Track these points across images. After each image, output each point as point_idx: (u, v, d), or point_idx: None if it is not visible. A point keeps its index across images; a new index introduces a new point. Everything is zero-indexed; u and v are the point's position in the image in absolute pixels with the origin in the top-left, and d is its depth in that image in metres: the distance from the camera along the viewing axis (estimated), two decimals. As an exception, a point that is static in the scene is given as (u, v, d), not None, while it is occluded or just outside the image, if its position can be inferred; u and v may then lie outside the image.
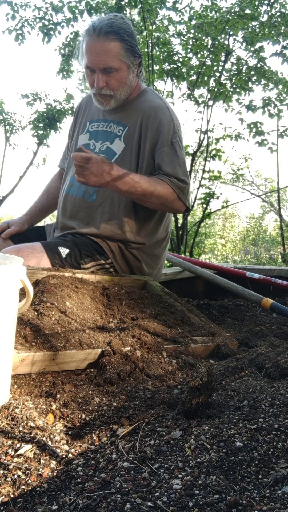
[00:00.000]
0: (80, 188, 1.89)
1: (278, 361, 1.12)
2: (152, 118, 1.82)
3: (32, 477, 0.71)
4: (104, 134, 1.92)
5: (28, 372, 1.08)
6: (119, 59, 1.74)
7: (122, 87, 1.81)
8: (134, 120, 1.86)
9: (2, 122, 7.00)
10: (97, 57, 1.73)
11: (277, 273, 2.74)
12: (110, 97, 1.82)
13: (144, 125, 1.83)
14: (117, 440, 0.81)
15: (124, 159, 1.84)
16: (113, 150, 1.88)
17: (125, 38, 1.74)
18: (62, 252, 1.74)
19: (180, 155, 1.81)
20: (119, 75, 1.77)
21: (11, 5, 4.91)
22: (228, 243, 10.86)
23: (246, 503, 0.57)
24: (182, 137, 1.93)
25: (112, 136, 1.90)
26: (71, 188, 1.93)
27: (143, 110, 1.85)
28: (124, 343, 1.22)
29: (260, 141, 5.22)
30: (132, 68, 1.81)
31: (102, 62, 1.73)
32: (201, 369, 1.24)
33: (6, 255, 0.99)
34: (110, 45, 1.71)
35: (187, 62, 4.80)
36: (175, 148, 1.80)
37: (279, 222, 8.10)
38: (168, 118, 1.83)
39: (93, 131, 1.97)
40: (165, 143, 1.80)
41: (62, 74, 5.52)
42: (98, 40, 1.71)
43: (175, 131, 1.83)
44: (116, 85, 1.79)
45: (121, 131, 1.88)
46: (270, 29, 4.61)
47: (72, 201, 1.91)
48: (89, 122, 2.00)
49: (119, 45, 1.73)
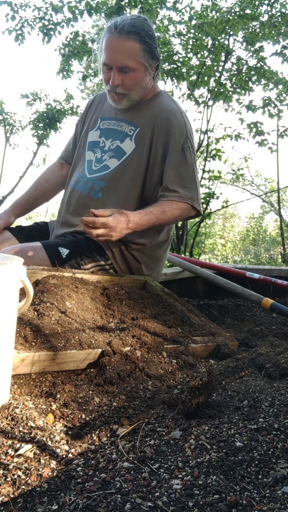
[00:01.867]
0: (86, 184, 1.89)
1: (278, 361, 1.12)
2: (165, 122, 1.83)
3: (32, 477, 0.71)
4: (114, 133, 1.92)
5: (28, 372, 1.08)
6: (137, 59, 1.75)
7: (136, 88, 1.82)
8: (147, 122, 1.86)
9: (2, 122, 7.00)
10: (115, 55, 1.73)
11: (277, 273, 2.74)
12: (123, 95, 1.83)
13: (157, 129, 1.83)
14: (117, 440, 0.81)
15: (133, 159, 1.85)
16: (123, 149, 1.88)
17: (145, 39, 1.74)
18: (62, 252, 1.73)
19: (190, 162, 1.81)
20: (135, 75, 1.78)
21: (11, 6, 4.91)
22: (228, 243, 10.86)
23: (246, 503, 0.57)
24: (194, 141, 1.93)
25: (123, 135, 1.90)
26: (77, 184, 1.92)
27: (157, 113, 1.86)
28: (124, 343, 1.22)
29: (260, 141, 5.22)
30: (149, 70, 1.81)
31: (120, 60, 1.73)
32: (201, 369, 1.24)
33: (6, 255, 0.99)
34: (130, 45, 1.72)
35: (187, 62, 4.80)
36: (185, 154, 1.80)
37: (279, 222, 8.10)
38: (181, 123, 1.83)
39: (103, 128, 1.97)
40: (176, 148, 1.80)
41: (62, 74, 5.52)
42: (119, 39, 1.71)
43: (187, 136, 1.83)
44: (131, 84, 1.80)
45: (132, 131, 1.88)
46: (270, 29, 4.61)
47: (77, 197, 1.90)
48: (101, 119, 2.00)
49: (139, 45, 1.73)
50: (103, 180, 1.86)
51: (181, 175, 1.78)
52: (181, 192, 1.76)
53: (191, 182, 1.79)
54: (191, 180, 1.79)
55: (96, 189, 1.86)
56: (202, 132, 5.02)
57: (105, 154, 1.91)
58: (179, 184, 1.77)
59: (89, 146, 1.98)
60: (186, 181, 1.78)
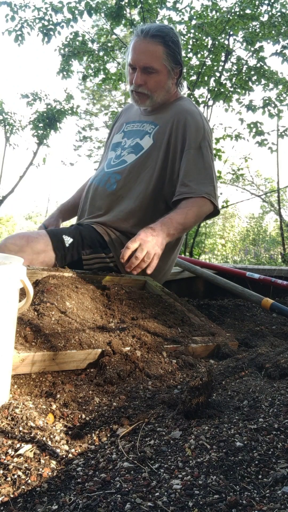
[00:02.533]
0: (103, 178, 1.94)
1: (278, 361, 1.12)
2: (183, 121, 1.87)
3: (32, 477, 0.71)
4: (136, 133, 1.98)
5: (28, 372, 1.08)
6: (160, 62, 1.82)
7: (159, 90, 1.88)
8: (166, 120, 1.90)
9: (2, 122, 7.00)
10: (139, 56, 1.81)
11: (277, 273, 2.74)
12: (146, 96, 1.88)
13: (175, 126, 1.87)
14: (117, 440, 0.81)
15: (151, 154, 1.88)
16: (141, 145, 1.92)
17: (169, 44, 1.82)
18: (66, 240, 1.75)
19: (207, 159, 1.83)
20: (158, 77, 1.84)
21: (11, 6, 4.91)
22: (228, 243, 10.86)
23: (246, 503, 0.57)
24: (212, 143, 1.97)
25: (143, 133, 1.95)
26: (95, 178, 1.99)
27: (176, 112, 1.90)
28: (124, 343, 1.22)
29: (260, 141, 5.22)
30: (172, 74, 1.88)
31: (143, 61, 1.81)
32: (201, 369, 1.24)
33: (6, 255, 0.99)
34: (154, 47, 1.80)
35: (187, 62, 4.80)
36: (202, 152, 1.83)
37: (279, 222, 8.10)
38: (200, 123, 1.87)
39: (127, 131, 2.04)
40: (193, 146, 1.83)
41: (62, 74, 5.51)
42: (144, 41, 1.80)
43: (205, 136, 1.86)
44: (154, 86, 1.86)
45: (152, 129, 1.93)
46: (270, 29, 4.61)
47: (94, 189, 1.96)
48: (126, 124, 2.08)
49: (162, 49, 1.81)
50: (119, 174, 1.90)
51: (197, 171, 1.80)
52: (196, 187, 1.77)
53: (207, 178, 1.80)
54: (207, 176, 1.81)
55: (112, 181, 1.90)
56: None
57: (124, 150, 1.97)
58: (195, 179, 1.79)
59: (112, 147, 2.06)
60: (202, 177, 1.80)
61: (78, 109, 6.74)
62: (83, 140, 17.74)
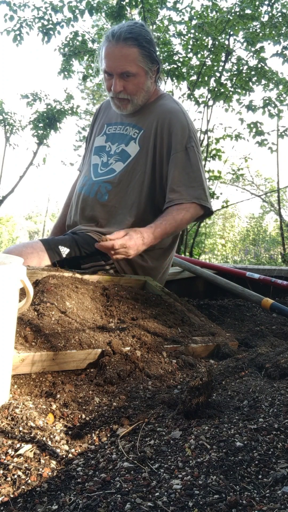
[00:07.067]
0: (92, 187, 1.91)
1: (278, 361, 1.12)
2: (167, 123, 1.84)
3: (32, 477, 0.71)
4: (120, 137, 1.95)
5: (28, 372, 1.08)
6: (137, 64, 1.77)
7: (139, 92, 1.84)
8: (150, 123, 1.88)
9: (2, 122, 7.01)
10: (115, 62, 1.76)
11: (277, 273, 2.74)
12: (127, 101, 1.85)
13: (160, 129, 1.85)
14: (117, 440, 0.81)
15: (138, 161, 1.86)
16: (128, 152, 1.90)
17: (143, 44, 1.77)
18: (63, 251, 1.74)
19: (194, 161, 1.82)
20: (137, 80, 1.80)
21: (10, 6, 4.90)
22: (228, 243, 10.87)
23: (246, 503, 0.57)
24: (198, 141, 1.94)
25: (128, 138, 1.92)
26: (83, 187, 1.95)
27: (159, 113, 1.87)
28: (124, 343, 1.22)
29: (260, 141, 5.22)
30: (150, 74, 1.84)
31: (120, 67, 1.76)
32: (201, 369, 1.24)
33: (6, 255, 0.99)
34: (128, 51, 1.75)
35: (188, 62, 4.80)
36: (188, 154, 1.81)
37: (279, 222, 8.10)
38: (184, 123, 1.84)
39: (110, 133, 2.00)
40: (179, 148, 1.81)
41: (64, 74, 5.51)
42: (117, 46, 1.74)
43: (191, 136, 1.84)
44: (133, 89, 1.82)
45: (136, 134, 1.90)
46: (270, 30, 4.61)
47: (84, 199, 1.93)
48: (107, 125, 2.03)
49: (137, 51, 1.76)
50: (110, 183, 1.88)
51: (186, 175, 1.79)
52: (186, 193, 1.76)
53: (196, 181, 1.79)
54: (196, 179, 1.80)
55: (102, 191, 1.88)
56: (202, 132, 5.02)
57: (111, 158, 1.94)
58: (184, 184, 1.78)
59: (95, 151, 2.02)
60: (191, 180, 1.78)
61: (78, 109, 6.74)
62: (83, 140, 17.74)
